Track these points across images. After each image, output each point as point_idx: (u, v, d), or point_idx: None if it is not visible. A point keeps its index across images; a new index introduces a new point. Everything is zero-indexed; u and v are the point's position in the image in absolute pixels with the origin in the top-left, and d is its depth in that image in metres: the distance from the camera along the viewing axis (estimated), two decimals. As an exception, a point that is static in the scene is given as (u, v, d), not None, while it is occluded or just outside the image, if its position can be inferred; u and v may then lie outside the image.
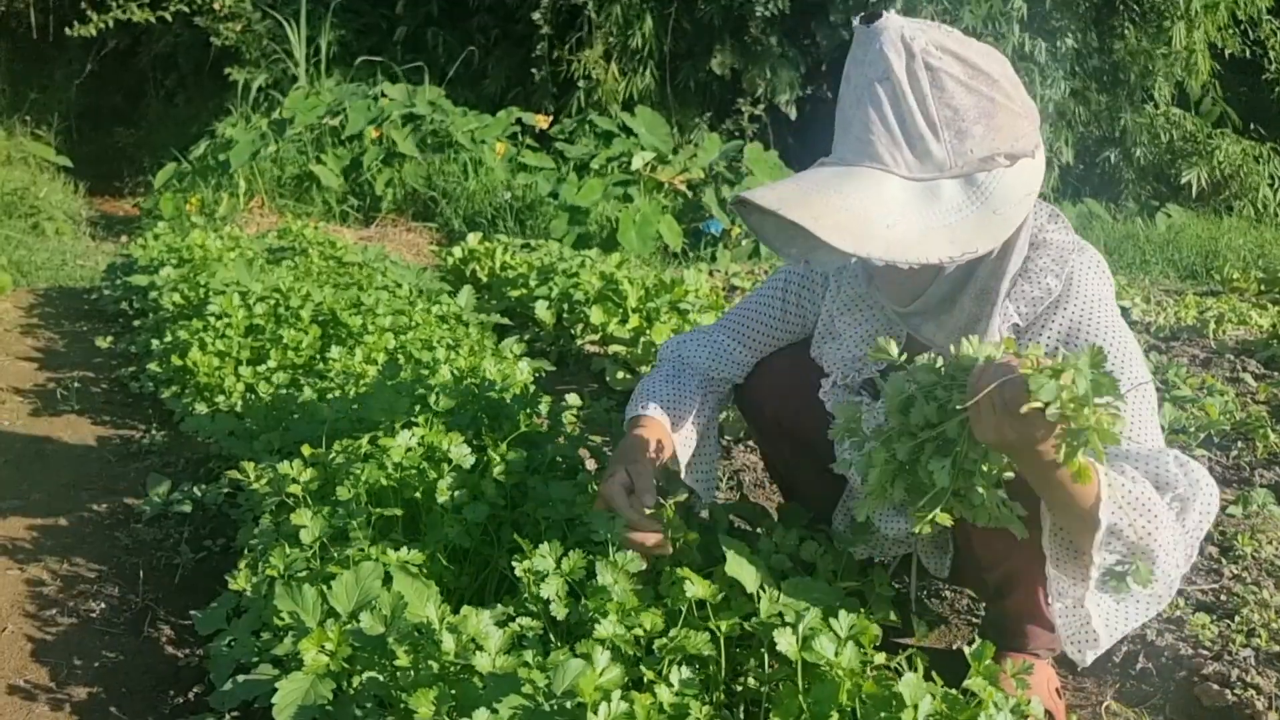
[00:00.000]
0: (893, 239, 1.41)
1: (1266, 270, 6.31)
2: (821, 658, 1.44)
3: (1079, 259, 1.65)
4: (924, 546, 1.99)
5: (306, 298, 3.65)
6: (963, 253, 1.43)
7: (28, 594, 2.20)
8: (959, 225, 1.44)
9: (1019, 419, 1.25)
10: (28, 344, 4.36)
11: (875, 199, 1.43)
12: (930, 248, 1.42)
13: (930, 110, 1.45)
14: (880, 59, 1.46)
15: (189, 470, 2.95)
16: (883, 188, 1.45)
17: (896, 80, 1.45)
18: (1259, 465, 3.16)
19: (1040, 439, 1.28)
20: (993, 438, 1.30)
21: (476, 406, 2.41)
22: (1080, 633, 1.62)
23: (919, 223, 1.43)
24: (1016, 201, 1.47)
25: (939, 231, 1.43)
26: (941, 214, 1.44)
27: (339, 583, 1.61)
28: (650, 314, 4.02)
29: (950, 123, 1.45)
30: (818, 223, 1.40)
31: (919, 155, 1.45)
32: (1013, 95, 1.49)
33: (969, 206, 1.46)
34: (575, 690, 1.34)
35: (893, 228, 1.41)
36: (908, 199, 1.44)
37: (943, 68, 1.45)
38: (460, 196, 7.58)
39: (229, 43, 9.15)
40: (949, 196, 1.45)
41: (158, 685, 1.90)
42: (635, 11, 8.47)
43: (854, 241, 1.40)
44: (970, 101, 1.45)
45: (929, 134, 1.45)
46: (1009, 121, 1.47)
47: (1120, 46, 8.71)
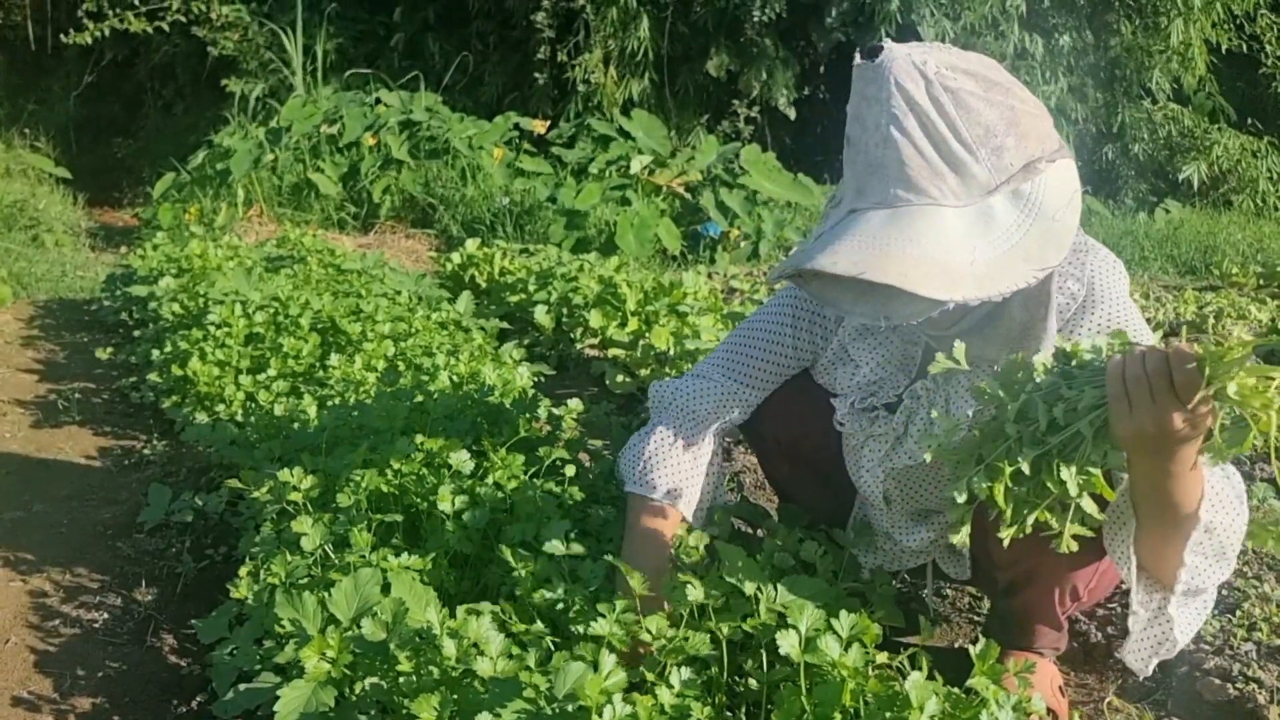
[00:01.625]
0: (980, 275, 1.38)
1: (1265, 265, 6.30)
2: (825, 658, 1.44)
3: (1094, 259, 1.63)
4: (943, 553, 1.97)
5: (306, 306, 3.66)
6: (1041, 269, 1.41)
7: (30, 605, 2.20)
8: (1025, 242, 1.41)
9: (1178, 405, 1.21)
10: (28, 356, 4.36)
11: (945, 239, 1.40)
12: (1013, 274, 1.39)
13: (962, 132, 1.42)
14: (898, 91, 1.42)
15: (190, 479, 2.95)
16: (945, 224, 1.41)
17: (921, 110, 1.42)
18: (1259, 459, 3.16)
19: (1197, 426, 1.25)
20: (1150, 428, 1.24)
21: (476, 411, 2.42)
22: (1157, 642, 1.58)
23: (991, 251, 1.40)
24: (1066, 203, 1.45)
25: (1013, 254, 1.40)
26: (1005, 235, 1.42)
27: (339, 589, 1.62)
28: (649, 317, 4.02)
29: (984, 141, 1.42)
30: (905, 279, 1.36)
31: (964, 181, 1.42)
32: (1026, 99, 1.47)
33: (1026, 220, 1.43)
34: (577, 693, 1.34)
35: (975, 264, 1.39)
36: (968, 228, 1.41)
37: (961, 87, 1.42)
38: (458, 202, 7.58)
39: (226, 52, 9.16)
40: (1003, 215, 1.42)
41: (161, 694, 1.91)
42: (632, 15, 8.47)
43: (948, 289, 1.36)
44: (995, 115, 1.43)
45: (967, 157, 1.42)
46: (1033, 126, 1.46)
47: (1116, 42, 8.71)
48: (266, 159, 7.91)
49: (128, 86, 11.17)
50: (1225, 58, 9.21)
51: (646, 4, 8.54)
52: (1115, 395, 1.26)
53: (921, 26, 7.76)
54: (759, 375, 1.90)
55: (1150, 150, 8.87)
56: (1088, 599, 1.78)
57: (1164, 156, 8.91)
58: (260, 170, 7.86)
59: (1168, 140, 8.88)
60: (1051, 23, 8.39)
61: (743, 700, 1.61)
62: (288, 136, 8.07)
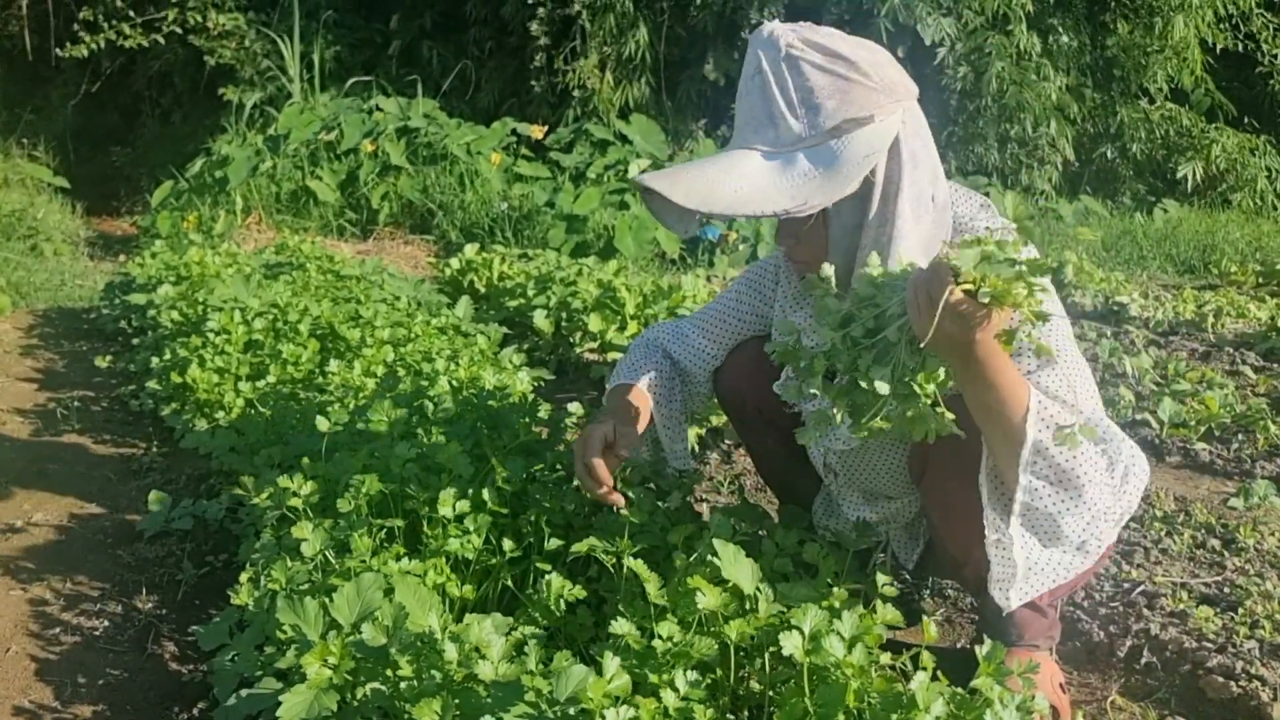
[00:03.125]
0: (737, 199, 1.59)
1: (1264, 263, 6.30)
2: (829, 658, 1.44)
3: (991, 221, 1.73)
4: (896, 534, 2.07)
5: (305, 312, 3.66)
6: (796, 205, 1.58)
7: (31, 613, 2.20)
8: (803, 185, 1.60)
9: (953, 309, 1.34)
10: (28, 365, 4.36)
11: (730, 170, 1.62)
12: (768, 203, 1.58)
13: (790, 92, 1.62)
14: (754, 57, 1.67)
15: (190, 487, 2.95)
16: (743, 162, 1.63)
17: (764, 72, 1.64)
18: (1260, 457, 3.16)
19: (975, 326, 1.36)
20: (932, 333, 1.36)
21: (476, 416, 2.41)
22: (1006, 568, 1.66)
23: (767, 185, 1.60)
24: (857, 161, 1.60)
25: (783, 191, 1.59)
26: (791, 178, 1.60)
27: (340, 595, 1.61)
28: (648, 320, 4.02)
29: (805, 101, 1.61)
30: (671, 188, 1.59)
31: (781, 132, 1.62)
32: (870, 74, 1.62)
33: (816, 170, 1.60)
34: (579, 697, 1.34)
35: (739, 191, 1.59)
36: (764, 169, 1.62)
37: (802, 56, 1.62)
38: (457, 208, 7.59)
39: (223, 61, 9.17)
40: (801, 164, 1.61)
41: (162, 701, 1.90)
42: (629, 20, 8.48)
43: (700, 200, 1.58)
44: (825, 81, 1.61)
45: (787, 113, 1.62)
46: (862, 95, 1.61)
47: (1113, 42, 8.73)
48: (265, 166, 7.92)
49: (125, 96, 11.19)
50: (1221, 57, 9.22)
51: (643, 9, 8.55)
52: (910, 301, 1.40)
53: (920, 27, 7.76)
54: (712, 326, 2.13)
55: (1148, 149, 8.88)
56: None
57: (1161, 156, 8.92)
58: (258, 178, 7.87)
59: (1165, 139, 8.89)
60: (1049, 23, 8.40)
61: (745, 702, 1.61)
62: (286, 144, 8.08)
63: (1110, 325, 4.96)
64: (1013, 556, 1.63)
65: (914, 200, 1.66)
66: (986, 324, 1.37)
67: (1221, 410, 3.37)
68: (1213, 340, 4.60)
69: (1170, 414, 3.36)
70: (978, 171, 8.34)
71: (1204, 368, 4.02)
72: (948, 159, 8.32)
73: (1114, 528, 1.67)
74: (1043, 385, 1.63)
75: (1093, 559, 1.68)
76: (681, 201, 1.59)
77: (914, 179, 1.66)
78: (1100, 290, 5.38)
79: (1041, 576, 1.66)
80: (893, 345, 1.45)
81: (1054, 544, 1.65)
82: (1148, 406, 3.49)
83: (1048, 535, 1.63)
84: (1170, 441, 3.29)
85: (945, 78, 8.01)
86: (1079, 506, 1.59)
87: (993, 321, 1.37)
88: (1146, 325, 4.92)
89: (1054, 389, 1.64)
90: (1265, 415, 3.35)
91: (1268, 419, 3.32)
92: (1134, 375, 3.86)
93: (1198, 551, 2.50)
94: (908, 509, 2.01)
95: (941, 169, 1.74)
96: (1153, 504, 2.80)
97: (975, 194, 1.81)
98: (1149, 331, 4.81)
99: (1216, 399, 3.41)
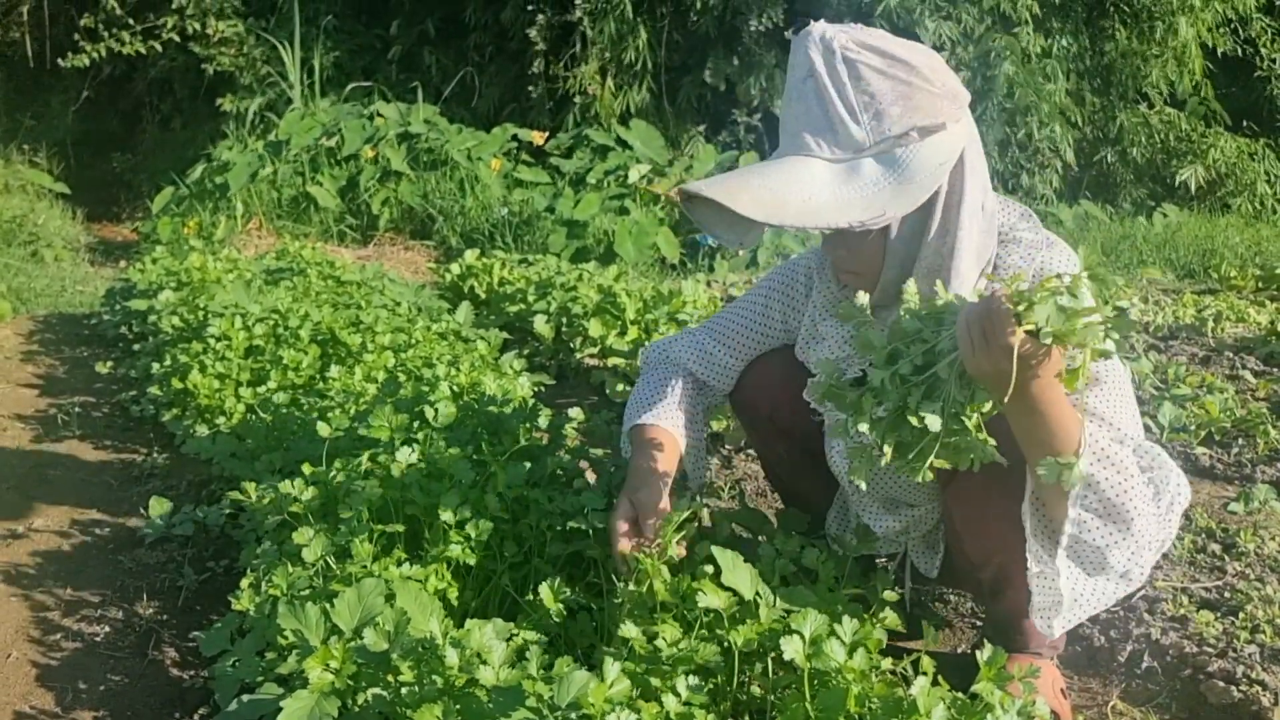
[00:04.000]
0: (807, 208, 1.52)
1: (1264, 267, 6.31)
2: (831, 663, 1.44)
3: (1049, 254, 1.69)
4: (915, 545, 2.02)
5: (305, 318, 3.66)
6: (873, 216, 1.53)
7: (32, 619, 2.20)
8: (875, 195, 1.54)
9: (1007, 347, 1.30)
10: (28, 370, 4.37)
11: (795, 179, 1.55)
12: (843, 214, 1.52)
13: (849, 97, 1.56)
14: (805, 60, 1.60)
15: (191, 492, 2.95)
16: (807, 169, 1.56)
17: (818, 75, 1.58)
18: (1260, 462, 3.16)
19: (1035, 366, 1.33)
20: (988, 369, 1.33)
21: (476, 421, 2.41)
22: (1049, 596, 1.63)
23: (837, 195, 1.54)
24: (930, 170, 1.56)
25: (855, 201, 1.53)
26: (860, 187, 1.55)
27: (342, 600, 1.61)
28: (649, 325, 4.03)
29: (868, 106, 1.56)
30: (734, 199, 1.51)
31: (841, 138, 1.57)
32: (932, 80, 1.57)
33: (885, 178, 1.55)
34: (580, 702, 1.34)
35: (809, 200, 1.52)
36: (830, 177, 1.55)
37: (860, 59, 1.56)
38: (457, 213, 7.59)
39: (223, 68, 9.18)
40: (868, 172, 1.56)
41: (163, 707, 1.90)
42: (629, 26, 8.49)
43: (766, 212, 1.51)
44: (887, 86, 1.56)
45: (848, 118, 1.56)
46: (927, 101, 1.56)
47: (1112, 47, 8.74)
48: (265, 172, 7.92)
49: (126, 101, 11.20)
50: (1221, 61, 9.23)
51: (643, 15, 8.56)
52: (961, 338, 1.36)
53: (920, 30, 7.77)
54: (736, 340, 2.05)
55: (1147, 154, 8.89)
56: None
57: (1161, 160, 8.93)
58: (259, 183, 7.88)
59: (1165, 144, 8.90)
60: (1050, 25, 8.41)
61: (746, 707, 1.61)
62: (286, 150, 8.09)
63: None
64: (1058, 587, 1.59)
65: (971, 210, 1.63)
66: (1047, 363, 1.34)
67: (1222, 415, 3.37)
68: (1213, 345, 4.60)
69: (1170, 418, 3.36)
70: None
71: (1204, 372, 4.03)
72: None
73: (1156, 554, 1.63)
74: (1090, 406, 1.60)
75: (1135, 585, 1.64)
76: (746, 212, 1.51)
77: (972, 187, 1.62)
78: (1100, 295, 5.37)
79: (1086, 605, 1.62)
80: (943, 381, 1.41)
81: (1099, 573, 1.61)
82: (1148, 411, 3.49)
83: (1094, 566, 1.59)
84: (1170, 446, 3.29)
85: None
86: (1127, 539, 1.54)
87: (1053, 360, 1.34)
88: (1146, 329, 4.92)
89: (1099, 410, 1.60)
90: (1265, 420, 3.35)
91: (1268, 423, 3.32)
92: (1134, 379, 3.87)
93: (1198, 556, 2.50)
94: (929, 516, 1.96)
95: (989, 179, 1.70)
96: (1153, 508, 2.80)
97: (1013, 202, 1.78)
98: (1149, 335, 4.81)
99: (1217, 403, 3.41)
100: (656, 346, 2.14)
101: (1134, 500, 1.52)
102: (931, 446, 1.42)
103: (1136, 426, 1.65)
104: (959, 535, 1.83)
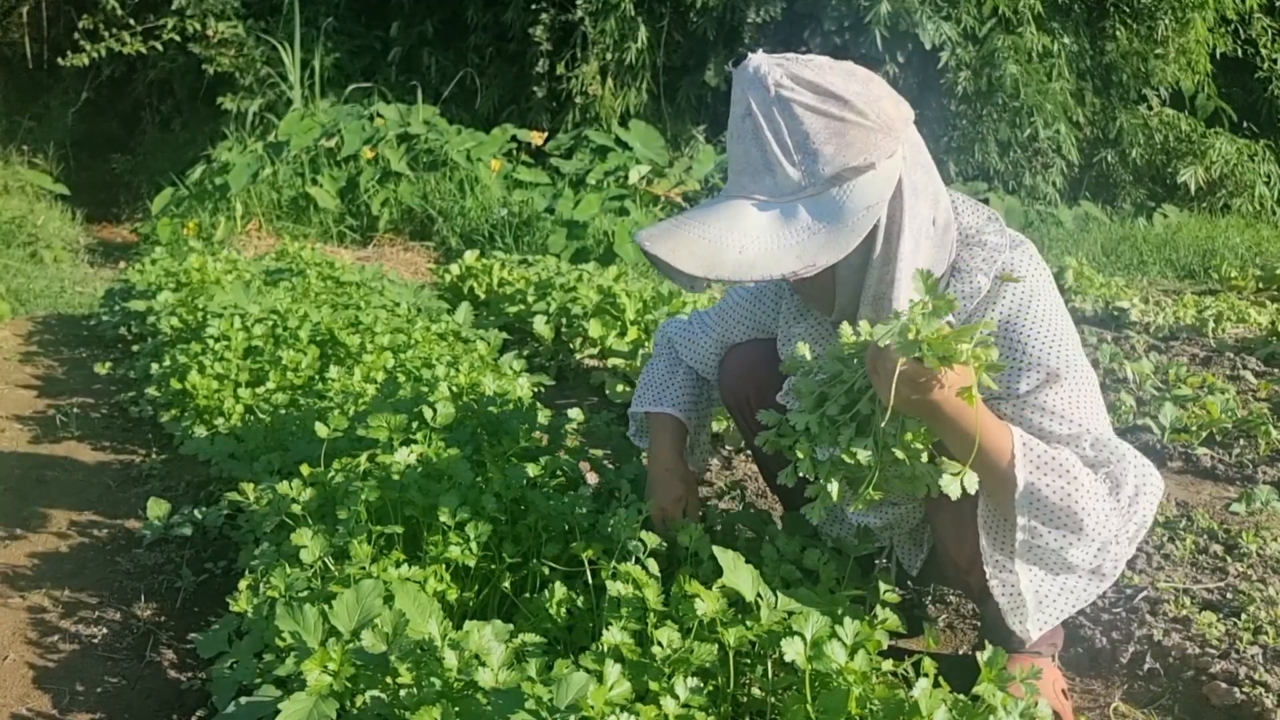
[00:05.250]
0: (742, 261, 1.53)
1: (1264, 268, 6.31)
2: (831, 664, 1.43)
3: (1011, 255, 1.70)
4: (900, 541, 2.07)
5: (304, 318, 3.65)
6: (804, 266, 1.53)
7: (29, 621, 2.19)
8: (807, 243, 1.54)
9: (906, 378, 1.40)
10: (27, 371, 4.36)
11: (730, 228, 1.55)
12: (776, 265, 1.53)
13: (784, 137, 1.55)
14: (743, 97, 1.59)
15: (189, 493, 2.94)
16: (745, 216, 1.56)
17: (754, 114, 1.57)
18: (1262, 462, 3.15)
19: (930, 389, 1.42)
20: (899, 403, 1.43)
21: (476, 422, 2.41)
22: (1012, 601, 1.66)
23: (771, 244, 1.54)
24: (860, 214, 1.55)
25: (790, 249, 1.53)
26: (795, 233, 1.54)
27: (340, 602, 1.61)
28: (649, 326, 4.02)
29: (801, 146, 1.54)
30: (674, 254, 1.54)
31: (779, 180, 1.56)
32: (866, 112, 1.55)
33: (818, 224, 1.54)
34: (580, 704, 1.33)
35: (744, 251, 1.53)
36: (766, 224, 1.56)
37: (794, 97, 1.54)
38: (457, 214, 7.59)
39: (222, 69, 9.18)
40: (803, 217, 1.55)
41: (161, 709, 1.89)
42: (630, 27, 8.49)
43: (704, 267, 1.53)
44: (820, 124, 1.54)
45: (784, 160, 1.55)
46: (860, 138, 1.54)
47: (1112, 48, 8.74)
48: (265, 173, 7.92)
49: (125, 103, 11.20)
50: (1221, 62, 9.23)
51: (644, 14, 8.56)
52: (870, 373, 1.47)
53: (920, 31, 7.77)
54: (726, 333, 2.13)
55: (1147, 155, 8.89)
56: None
57: (1161, 161, 8.92)
58: (259, 184, 7.88)
59: (1164, 145, 8.90)
60: (1051, 25, 8.41)
61: (747, 709, 1.60)
62: (286, 150, 8.09)
63: (1111, 330, 4.95)
64: (1020, 591, 1.63)
65: (915, 233, 1.63)
66: (942, 385, 1.42)
67: (1223, 415, 3.37)
68: (1213, 345, 4.60)
69: (1171, 419, 3.35)
70: (978, 177, 8.34)
71: (1205, 373, 4.02)
72: (947, 165, 8.32)
73: (1130, 545, 1.66)
74: (1047, 404, 1.63)
75: (1110, 580, 1.68)
76: (687, 270, 1.54)
77: (915, 211, 1.62)
78: (1101, 295, 5.38)
79: (1058, 603, 1.66)
80: (869, 417, 1.50)
81: (1065, 572, 1.64)
82: (1149, 412, 3.48)
83: (1056, 566, 1.63)
84: (1172, 447, 3.28)
85: (947, 81, 8.02)
86: (1081, 540, 1.58)
87: (950, 381, 1.42)
88: (1147, 330, 4.91)
89: (1058, 407, 1.63)
90: (1266, 420, 3.34)
91: (1269, 424, 3.31)
92: (1135, 380, 3.86)
93: (1200, 557, 2.49)
94: (913, 515, 1.99)
95: (943, 188, 1.70)
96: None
97: (982, 206, 1.78)
98: (1149, 336, 4.81)
99: (1218, 404, 3.41)
100: (666, 332, 2.24)
101: (1081, 500, 1.56)
102: (872, 479, 1.50)
103: (1098, 420, 1.67)
104: (942, 540, 1.87)
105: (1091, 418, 1.65)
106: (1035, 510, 1.57)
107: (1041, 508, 1.56)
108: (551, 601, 1.74)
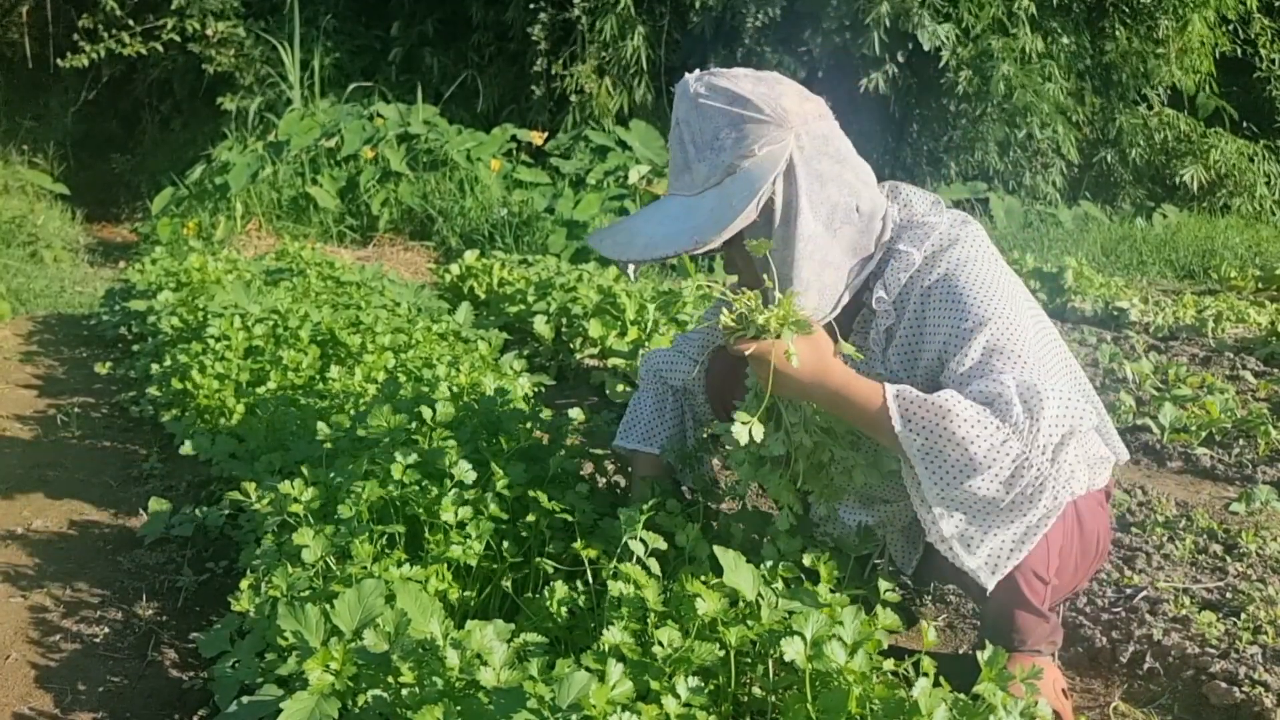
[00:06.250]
0: (648, 245, 1.74)
1: (1263, 268, 6.31)
2: (831, 664, 1.43)
3: (951, 230, 1.79)
4: (894, 539, 2.09)
5: (305, 318, 3.65)
6: (695, 243, 1.70)
7: (30, 620, 2.19)
8: (698, 225, 1.71)
9: (754, 360, 1.61)
10: (27, 371, 4.36)
11: (649, 219, 1.78)
12: (669, 245, 1.72)
13: (698, 137, 1.75)
14: (676, 108, 1.80)
15: (190, 493, 2.95)
16: (661, 209, 1.79)
17: (680, 123, 1.78)
18: (1261, 462, 3.16)
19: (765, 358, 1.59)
20: (777, 389, 1.62)
21: (476, 422, 2.41)
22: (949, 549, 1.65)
23: (673, 228, 1.73)
24: (742, 195, 1.70)
25: (685, 233, 1.71)
26: (693, 216, 1.73)
27: (342, 601, 1.61)
28: (649, 326, 4.02)
29: (710, 143, 1.73)
30: (601, 243, 1.79)
31: (694, 176, 1.76)
32: (763, 108, 1.70)
33: (712, 205, 1.72)
34: (581, 704, 1.33)
35: (652, 236, 1.74)
36: (676, 212, 1.76)
37: (708, 102, 1.73)
38: (457, 214, 7.59)
39: (222, 69, 9.18)
40: (705, 204, 1.73)
41: (162, 709, 1.90)
42: (628, 26, 8.50)
43: (619, 250, 1.76)
44: (724, 122, 1.72)
45: (696, 157, 1.75)
46: (754, 130, 1.71)
47: (1112, 48, 8.74)
48: (265, 173, 7.93)
49: (125, 103, 11.21)
50: (1220, 62, 9.23)
51: (642, 14, 8.56)
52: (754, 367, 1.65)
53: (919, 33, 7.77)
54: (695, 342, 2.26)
55: (1147, 155, 8.89)
56: (1060, 581, 1.79)
57: (1161, 161, 8.93)
58: (259, 184, 7.88)
59: (1164, 145, 8.91)
60: (1049, 25, 8.41)
61: (747, 709, 1.60)
62: (286, 150, 8.09)
63: (1110, 330, 4.96)
64: (941, 530, 1.62)
65: (827, 216, 1.74)
66: (767, 352, 1.59)
67: (1222, 415, 3.37)
68: (1213, 345, 4.60)
69: (1171, 419, 3.35)
70: (978, 176, 8.35)
71: (1204, 373, 4.02)
72: (947, 164, 8.32)
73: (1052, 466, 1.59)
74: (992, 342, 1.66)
75: (1044, 509, 1.62)
76: (609, 255, 1.77)
77: (821, 197, 1.73)
78: (1100, 295, 5.38)
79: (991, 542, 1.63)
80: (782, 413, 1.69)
81: (988, 510, 1.61)
82: (1148, 412, 3.49)
83: (972, 505, 1.61)
84: (1171, 446, 3.28)
85: (946, 81, 8.03)
86: (979, 470, 1.56)
87: (775, 349, 1.58)
88: (1146, 330, 4.92)
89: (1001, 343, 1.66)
90: (1266, 420, 3.34)
91: (1268, 424, 3.32)
92: (1134, 380, 3.86)
93: (1200, 557, 2.49)
94: (904, 512, 2.01)
95: (868, 181, 1.79)
96: (1154, 509, 2.80)
97: (928, 194, 1.88)
98: (1149, 337, 4.81)
99: (1217, 404, 3.41)
100: (651, 362, 2.32)
101: (958, 428, 1.56)
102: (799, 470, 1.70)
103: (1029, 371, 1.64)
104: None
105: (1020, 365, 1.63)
106: (925, 455, 1.59)
107: (927, 449, 1.59)
108: (553, 601, 1.74)
